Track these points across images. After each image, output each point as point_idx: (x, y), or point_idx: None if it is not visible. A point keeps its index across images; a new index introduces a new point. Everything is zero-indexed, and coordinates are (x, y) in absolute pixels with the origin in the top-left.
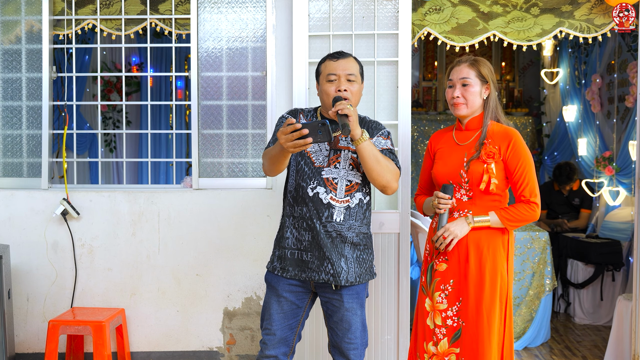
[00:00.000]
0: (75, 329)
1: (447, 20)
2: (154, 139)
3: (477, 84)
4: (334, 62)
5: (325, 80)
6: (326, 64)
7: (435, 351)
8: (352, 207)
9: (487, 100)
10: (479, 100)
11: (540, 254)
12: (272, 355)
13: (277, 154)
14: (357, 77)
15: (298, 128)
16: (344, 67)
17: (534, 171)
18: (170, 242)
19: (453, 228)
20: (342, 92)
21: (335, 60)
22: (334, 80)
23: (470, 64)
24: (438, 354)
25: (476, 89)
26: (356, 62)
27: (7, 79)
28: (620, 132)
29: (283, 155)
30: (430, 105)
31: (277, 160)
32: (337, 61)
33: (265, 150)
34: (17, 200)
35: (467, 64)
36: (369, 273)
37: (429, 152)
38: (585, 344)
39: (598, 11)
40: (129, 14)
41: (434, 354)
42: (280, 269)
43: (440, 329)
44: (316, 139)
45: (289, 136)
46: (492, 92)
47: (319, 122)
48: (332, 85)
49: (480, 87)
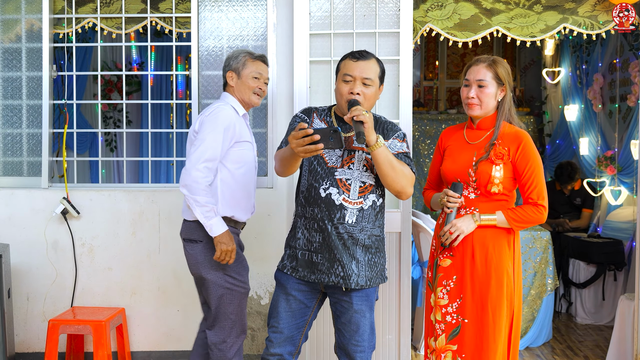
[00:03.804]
0: (76, 329)
1: (450, 16)
2: (155, 138)
3: (493, 86)
4: (353, 63)
5: (341, 79)
6: (345, 62)
7: (435, 347)
8: (365, 209)
9: (501, 102)
10: (493, 102)
11: (542, 254)
12: (278, 353)
13: (289, 157)
14: (373, 81)
15: (309, 134)
16: (361, 69)
17: (542, 174)
18: (171, 241)
19: (460, 224)
20: (354, 95)
21: (355, 60)
22: (349, 82)
23: (488, 64)
24: (436, 350)
25: (491, 90)
26: (377, 64)
27: (7, 77)
28: (622, 131)
29: (294, 158)
30: (431, 104)
31: (289, 162)
32: (357, 62)
33: (278, 151)
34: (17, 199)
35: (486, 64)
36: (380, 277)
37: (439, 148)
38: (587, 343)
39: (601, 8)
40: (129, 13)
41: (433, 350)
42: (291, 268)
43: (439, 325)
44: (327, 146)
45: (300, 141)
46: (507, 94)
47: (331, 129)
48: (346, 86)
49: (496, 89)
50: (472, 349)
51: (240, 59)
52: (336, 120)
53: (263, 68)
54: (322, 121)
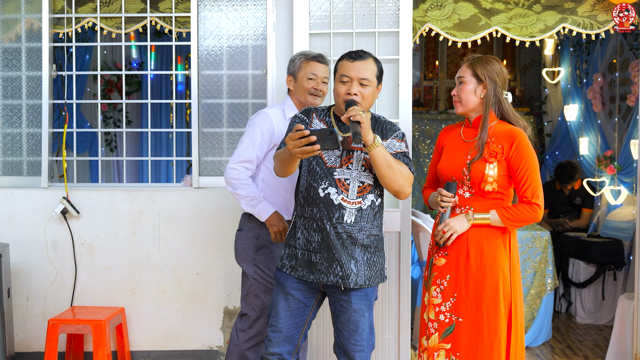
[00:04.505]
0: (75, 328)
1: (449, 16)
2: (155, 137)
3: (472, 83)
4: (349, 63)
5: (339, 80)
6: (342, 63)
7: (427, 345)
8: (364, 208)
9: (485, 99)
10: (473, 98)
11: (542, 253)
12: (277, 352)
13: (287, 157)
14: (371, 82)
15: (306, 135)
16: (358, 70)
17: (537, 172)
18: (171, 241)
19: (453, 223)
20: (352, 96)
21: (351, 61)
22: (346, 82)
23: (469, 63)
24: (428, 348)
25: (470, 87)
26: (375, 63)
27: (7, 77)
28: (622, 131)
29: (292, 159)
30: (431, 104)
31: (287, 163)
32: (353, 62)
33: (276, 152)
34: (17, 198)
35: (467, 63)
36: (379, 276)
37: (437, 147)
38: (587, 343)
39: (601, 8)
40: (129, 12)
41: (425, 349)
42: (290, 268)
43: (432, 324)
44: (324, 147)
45: (296, 142)
46: (488, 91)
47: (327, 130)
48: (343, 87)
49: (476, 86)
50: (467, 348)
51: (296, 62)
52: (335, 120)
53: (318, 68)
54: (321, 121)
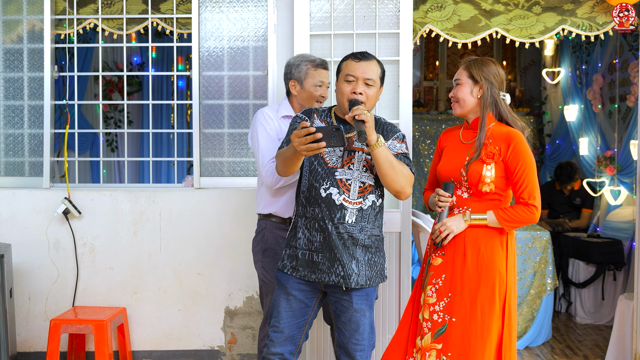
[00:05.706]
0: (77, 328)
1: (449, 17)
2: (156, 138)
3: (468, 84)
4: (355, 63)
5: (343, 79)
6: (347, 63)
7: (420, 345)
8: (364, 209)
9: (482, 100)
10: (470, 99)
11: (542, 254)
12: (278, 352)
13: (290, 156)
14: (375, 82)
15: (312, 132)
16: (363, 70)
17: (534, 173)
18: (172, 241)
19: (449, 223)
20: (357, 95)
21: (357, 61)
22: (351, 82)
23: (465, 65)
24: (422, 348)
25: (466, 88)
26: (378, 65)
27: (8, 78)
28: (622, 131)
29: (296, 157)
30: (431, 105)
31: (290, 162)
32: (359, 63)
33: (279, 151)
34: (18, 199)
35: (463, 65)
36: (379, 276)
37: (437, 148)
38: (587, 343)
39: (600, 9)
40: (130, 14)
41: (419, 349)
42: (291, 268)
43: (426, 323)
44: (330, 144)
45: (302, 139)
46: (485, 91)
47: (333, 127)
48: (349, 86)
49: (472, 87)
50: (459, 347)
51: (302, 67)
52: (336, 121)
53: (324, 75)
54: (322, 122)
